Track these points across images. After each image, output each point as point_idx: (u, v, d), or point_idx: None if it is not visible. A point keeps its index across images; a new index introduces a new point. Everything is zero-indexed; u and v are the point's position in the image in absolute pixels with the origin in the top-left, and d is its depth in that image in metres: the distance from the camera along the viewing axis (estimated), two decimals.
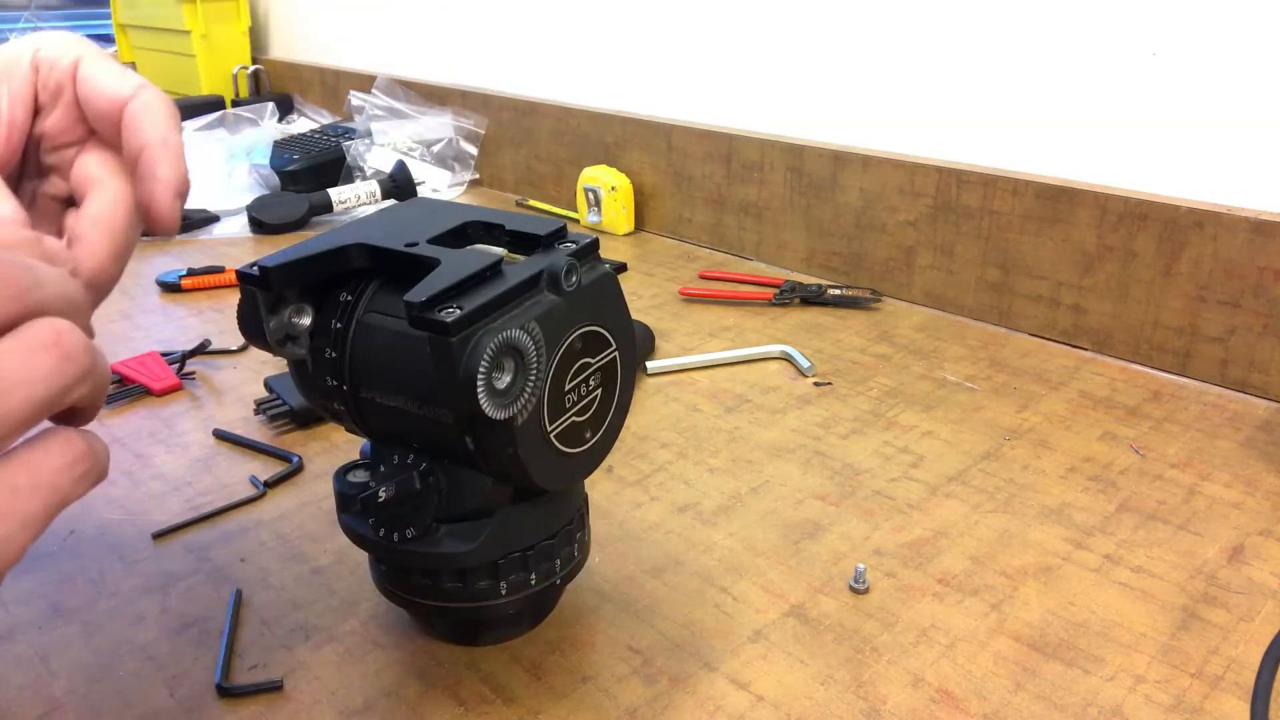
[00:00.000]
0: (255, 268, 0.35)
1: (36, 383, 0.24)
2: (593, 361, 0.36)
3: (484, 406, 0.31)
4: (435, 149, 1.20)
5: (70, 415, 0.27)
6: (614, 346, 0.38)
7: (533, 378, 0.33)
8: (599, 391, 0.37)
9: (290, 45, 1.63)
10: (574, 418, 0.36)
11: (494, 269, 0.34)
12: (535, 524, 0.37)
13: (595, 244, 0.37)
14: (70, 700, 0.38)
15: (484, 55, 1.22)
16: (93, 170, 0.35)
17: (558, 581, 0.39)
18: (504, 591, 0.37)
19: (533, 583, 0.38)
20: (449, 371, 0.31)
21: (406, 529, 0.35)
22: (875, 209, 0.81)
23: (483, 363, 0.31)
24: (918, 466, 0.54)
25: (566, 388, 0.35)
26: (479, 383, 0.31)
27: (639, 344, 0.68)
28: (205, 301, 0.82)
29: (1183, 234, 0.64)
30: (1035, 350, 0.71)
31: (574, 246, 0.37)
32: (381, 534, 0.36)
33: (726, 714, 0.37)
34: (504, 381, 0.32)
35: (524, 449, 0.34)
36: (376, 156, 1.19)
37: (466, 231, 0.38)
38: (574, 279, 0.35)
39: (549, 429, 0.35)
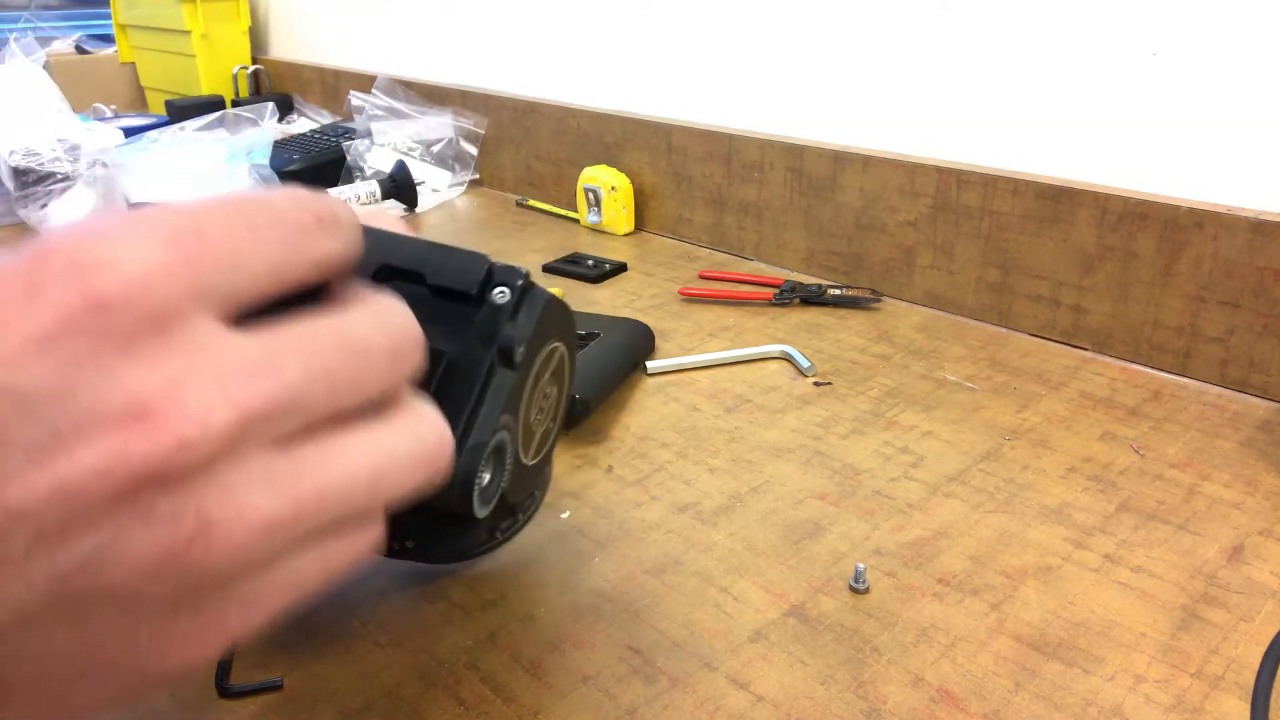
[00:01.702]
0: None
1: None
2: (546, 375, 0.36)
3: (477, 512, 0.32)
4: (435, 149, 1.20)
5: None
6: (559, 346, 0.37)
7: (509, 461, 0.33)
8: (555, 389, 0.37)
9: (290, 45, 1.63)
10: (539, 429, 0.37)
11: (445, 373, 0.32)
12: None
13: (527, 283, 0.34)
14: None
15: (484, 55, 1.22)
16: None
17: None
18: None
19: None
20: (442, 493, 0.30)
21: (405, 541, 0.36)
22: (875, 209, 0.81)
23: (475, 486, 0.31)
24: (918, 466, 0.54)
25: (532, 418, 0.36)
26: (474, 501, 0.31)
27: (639, 344, 0.68)
28: None
29: (1183, 234, 0.64)
30: (1035, 350, 0.71)
31: (507, 295, 0.33)
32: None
33: (726, 714, 0.37)
34: (485, 479, 0.33)
35: (506, 491, 0.35)
36: (376, 156, 1.19)
37: (381, 277, 0.34)
38: (522, 348, 0.33)
39: (523, 459, 0.36)
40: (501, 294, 0.33)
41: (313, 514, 0.22)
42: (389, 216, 0.37)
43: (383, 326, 0.25)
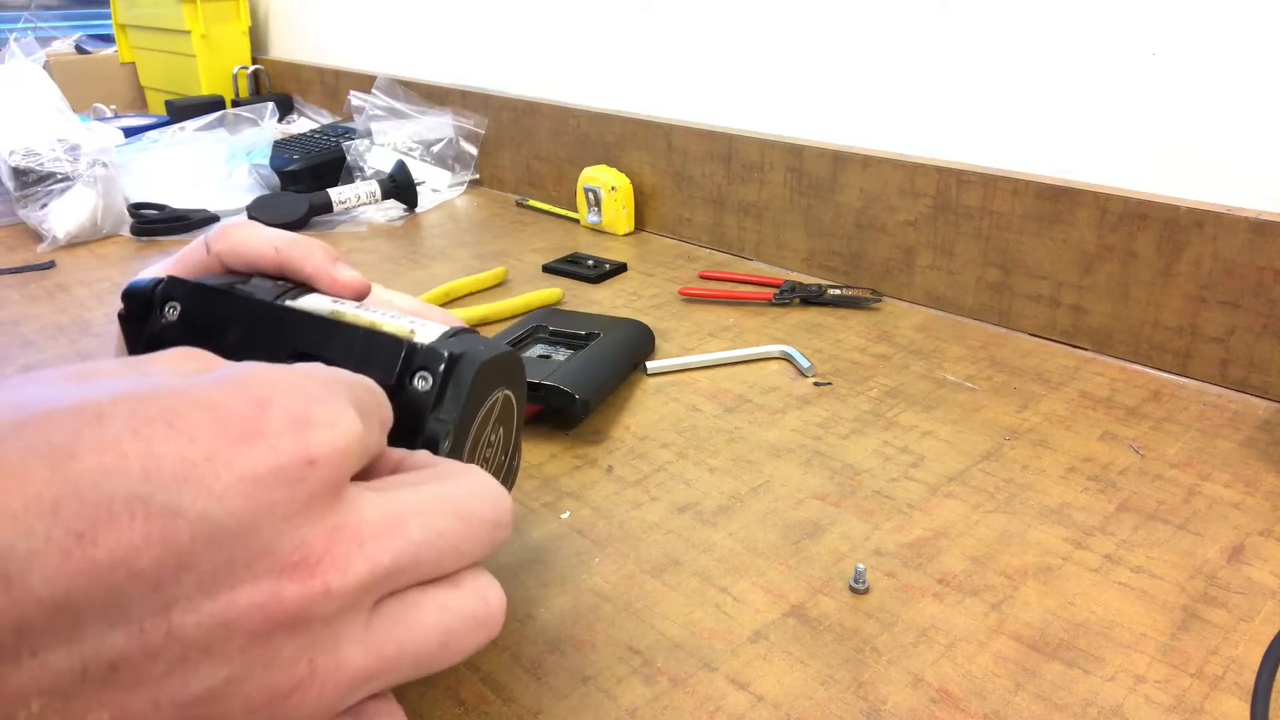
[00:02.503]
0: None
1: (463, 655, 0.25)
2: (489, 427, 0.35)
3: None
4: (435, 149, 1.20)
5: None
6: (500, 394, 0.36)
7: None
8: (503, 431, 0.37)
9: (290, 45, 1.63)
10: (492, 470, 0.37)
11: None
12: None
13: (450, 361, 0.32)
14: None
15: (484, 55, 1.22)
16: None
17: None
18: None
19: None
20: None
21: None
22: (875, 209, 0.81)
23: None
24: (918, 466, 0.54)
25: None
26: None
27: (639, 344, 0.68)
28: None
29: (1183, 234, 0.64)
30: (1035, 350, 0.71)
31: (428, 382, 0.31)
32: None
33: (726, 714, 0.37)
34: None
35: None
36: (376, 156, 1.19)
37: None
38: (449, 440, 0.31)
39: None
40: (423, 380, 0.31)
41: (390, 672, 0.23)
42: (316, 246, 0.36)
43: (485, 498, 0.26)
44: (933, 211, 0.77)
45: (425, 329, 0.34)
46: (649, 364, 0.67)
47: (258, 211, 1.03)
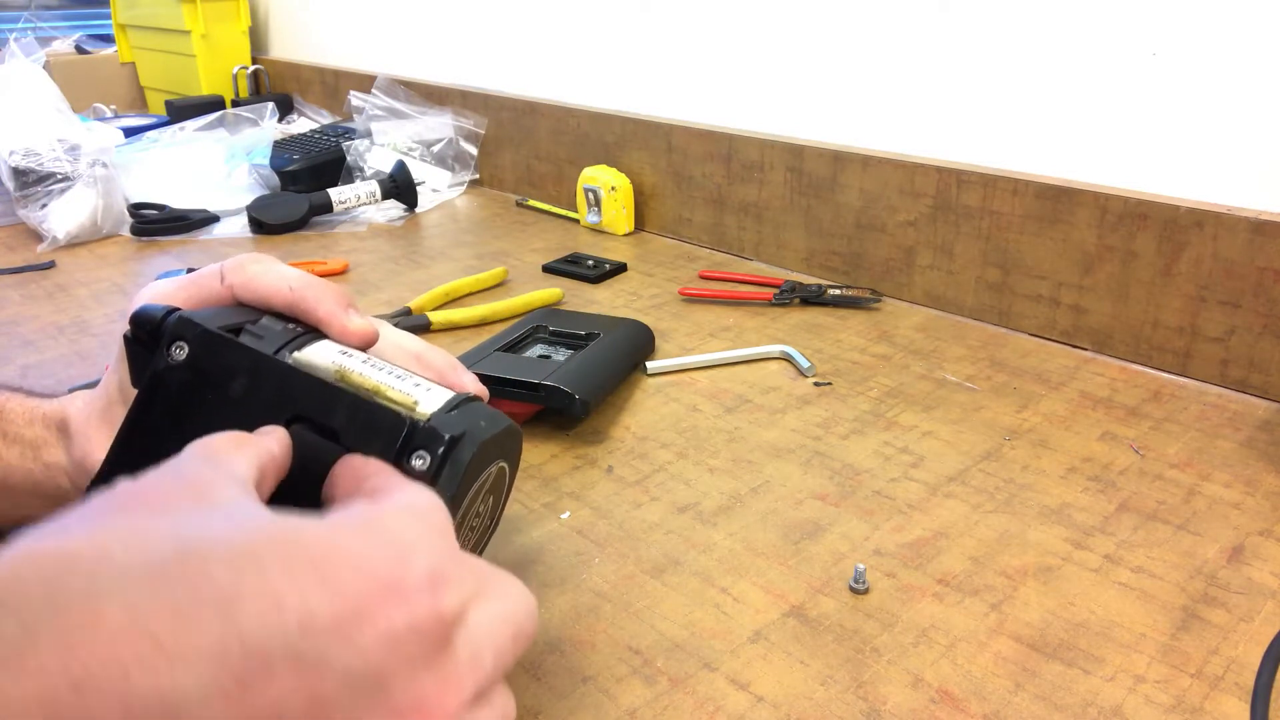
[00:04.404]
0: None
1: None
2: (479, 498, 0.35)
3: None
4: (435, 149, 1.20)
5: None
6: (494, 467, 0.35)
7: None
8: (491, 499, 0.37)
9: (290, 45, 1.63)
10: (469, 543, 0.36)
11: None
12: None
13: (450, 444, 0.32)
14: None
15: (484, 55, 1.22)
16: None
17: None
18: None
19: None
20: None
21: None
22: (875, 209, 0.81)
23: None
24: (918, 466, 0.54)
25: (459, 544, 0.35)
26: None
27: (639, 344, 0.68)
28: None
29: (1183, 234, 0.64)
30: (1035, 350, 0.71)
31: (425, 462, 0.31)
32: None
33: (726, 714, 0.37)
34: None
35: None
36: (376, 156, 1.19)
37: (291, 428, 0.32)
38: None
39: None
40: (420, 459, 0.31)
41: None
42: (329, 289, 0.36)
43: (530, 615, 0.28)
44: (933, 211, 0.77)
45: (429, 397, 0.34)
46: (649, 364, 0.67)
47: (258, 211, 1.03)
